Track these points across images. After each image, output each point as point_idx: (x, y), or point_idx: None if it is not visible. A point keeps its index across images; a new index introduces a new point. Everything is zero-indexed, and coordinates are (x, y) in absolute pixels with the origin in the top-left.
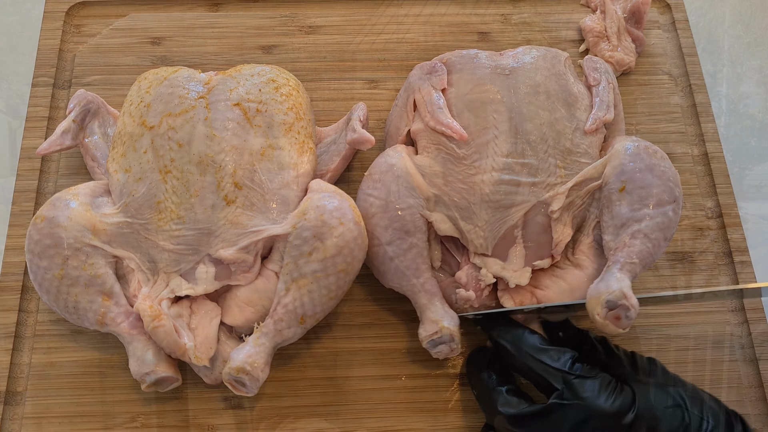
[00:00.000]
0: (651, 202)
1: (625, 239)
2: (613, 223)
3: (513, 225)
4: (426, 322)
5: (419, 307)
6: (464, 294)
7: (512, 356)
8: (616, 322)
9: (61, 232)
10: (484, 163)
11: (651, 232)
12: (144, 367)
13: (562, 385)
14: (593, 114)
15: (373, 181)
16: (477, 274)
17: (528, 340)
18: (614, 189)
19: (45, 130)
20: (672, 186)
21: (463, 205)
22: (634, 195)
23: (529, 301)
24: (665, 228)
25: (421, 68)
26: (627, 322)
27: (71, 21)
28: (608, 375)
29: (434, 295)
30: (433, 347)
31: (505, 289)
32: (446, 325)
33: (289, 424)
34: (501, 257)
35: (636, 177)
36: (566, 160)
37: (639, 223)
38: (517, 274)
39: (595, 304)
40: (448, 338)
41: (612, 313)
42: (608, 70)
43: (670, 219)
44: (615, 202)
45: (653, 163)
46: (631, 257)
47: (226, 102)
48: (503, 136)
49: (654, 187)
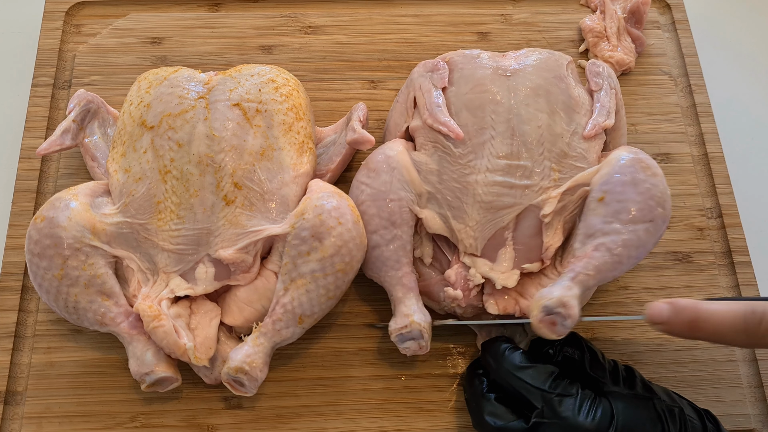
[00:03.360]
0: (624, 218)
1: (588, 250)
2: (583, 231)
3: (504, 227)
4: (398, 315)
5: (394, 300)
6: (452, 293)
7: (495, 372)
8: (550, 327)
9: (61, 232)
10: (479, 163)
11: (615, 248)
12: (144, 367)
13: (541, 404)
14: (593, 119)
15: (368, 170)
16: (466, 274)
17: (509, 357)
18: (594, 197)
19: (45, 130)
20: (652, 205)
21: (455, 204)
22: (609, 207)
23: (512, 308)
24: (633, 246)
25: (423, 66)
26: (562, 330)
27: (71, 21)
28: (589, 391)
29: (410, 290)
30: (401, 342)
31: (491, 294)
32: (416, 320)
33: (289, 424)
34: (490, 258)
35: (616, 189)
36: (561, 163)
37: (606, 237)
38: (505, 275)
39: (534, 307)
40: (417, 334)
41: (548, 318)
42: (611, 76)
43: (640, 238)
44: (591, 211)
45: (639, 179)
46: (587, 269)
47: (225, 102)
48: (500, 137)
49: (631, 203)
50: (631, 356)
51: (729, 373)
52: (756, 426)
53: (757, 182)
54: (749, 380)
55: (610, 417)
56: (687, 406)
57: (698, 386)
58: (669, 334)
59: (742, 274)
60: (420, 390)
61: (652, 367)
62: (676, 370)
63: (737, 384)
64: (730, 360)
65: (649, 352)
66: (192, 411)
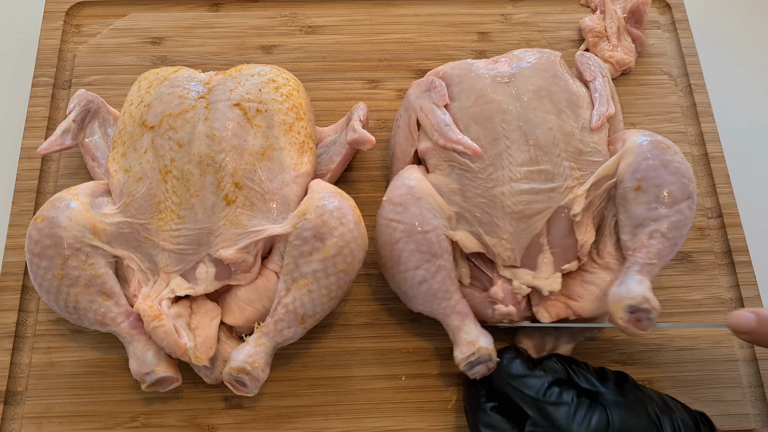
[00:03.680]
0: (667, 201)
1: (643, 239)
2: (630, 222)
3: (538, 233)
4: (461, 344)
5: (452, 329)
6: (504, 309)
7: (493, 381)
8: (637, 324)
9: (61, 232)
10: (501, 174)
11: (668, 231)
12: (144, 367)
13: (534, 413)
14: (596, 110)
15: (394, 205)
16: (511, 288)
17: (507, 366)
18: (629, 187)
19: (45, 130)
20: (686, 182)
21: (485, 220)
22: (650, 194)
23: (564, 313)
24: (682, 226)
25: (418, 86)
26: (648, 324)
27: (71, 21)
28: (584, 398)
29: (466, 316)
30: (470, 369)
31: (540, 303)
32: (483, 345)
33: (289, 424)
34: (530, 267)
35: (651, 175)
36: (579, 161)
37: (656, 223)
38: (549, 281)
39: (616, 309)
40: (486, 358)
41: (634, 316)
42: (600, 64)
43: (686, 216)
44: (631, 201)
45: (667, 160)
46: (650, 258)
47: (226, 102)
48: (515, 145)
49: (669, 185)
50: (631, 356)
51: (729, 373)
52: (756, 426)
53: (757, 182)
54: (749, 380)
55: (606, 425)
56: (681, 410)
57: (698, 386)
58: (754, 343)
59: (742, 274)
60: (420, 390)
61: (652, 367)
62: (676, 370)
63: (737, 384)
64: (730, 360)
65: (649, 352)
66: (192, 411)
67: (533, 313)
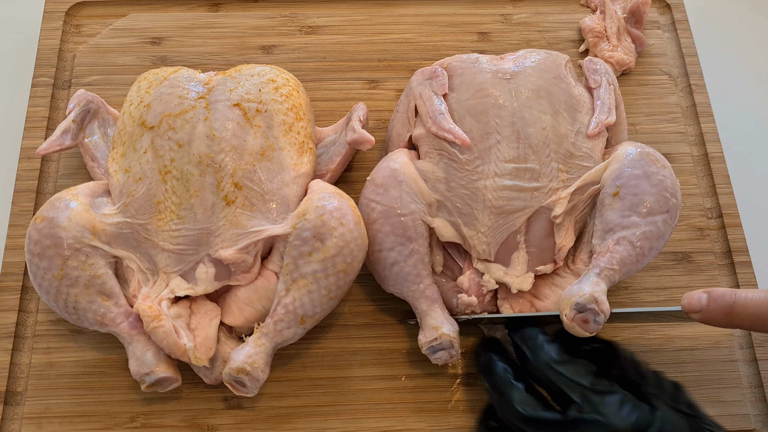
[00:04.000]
0: (642, 210)
1: (610, 245)
2: (601, 227)
3: (516, 230)
4: (426, 328)
5: (419, 312)
6: (466, 299)
7: (530, 363)
8: (583, 325)
9: (61, 232)
10: (487, 168)
11: (637, 240)
12: (144, 367)
13: (580, 399)
14: (595, 117)
15: (375, 186)
16: (479, 280)
17: (547, 349)
18: (608, 193)
19: (45, 130)
20: (667, 196)
21: (465, 211)
22: (625, 201)
23: (528, 310)
24: (653, 238)
25: (422, 73)
26: (595, 326)
27: (71, 21)
28: (629, 393)
29: (435, 302)
30: (432, 353)
31: (506, 298)
32: (446, 331)
33: (289, 424)
34: (503, 263)
35: (630, 183)
36: (568, 164)
37: (626, 230)
38: (520, 279)
39: (564, 305)
40: (447, 345)
41: (580, 316)
42: (608, 71)
43: (659, 229)
44: (607, 206)
45: (651, 171)
46: (611, 263)
47: (225, 102)
48: (505, 141)
49: (647, 196)
50: None
51: (729, 373)
52: (756, 426)
53: (757, 182)
54: (749, 380)
55: (650, 421)
56: None
57: (698, 386)
58: (706, 323)
59: (742, 274)
60: (420, 390)
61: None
62: (676, 370)
63: (737, 384)
64: (730, 360)
65: (649, 352)
66: (192, 411)
67: (497, 307)
